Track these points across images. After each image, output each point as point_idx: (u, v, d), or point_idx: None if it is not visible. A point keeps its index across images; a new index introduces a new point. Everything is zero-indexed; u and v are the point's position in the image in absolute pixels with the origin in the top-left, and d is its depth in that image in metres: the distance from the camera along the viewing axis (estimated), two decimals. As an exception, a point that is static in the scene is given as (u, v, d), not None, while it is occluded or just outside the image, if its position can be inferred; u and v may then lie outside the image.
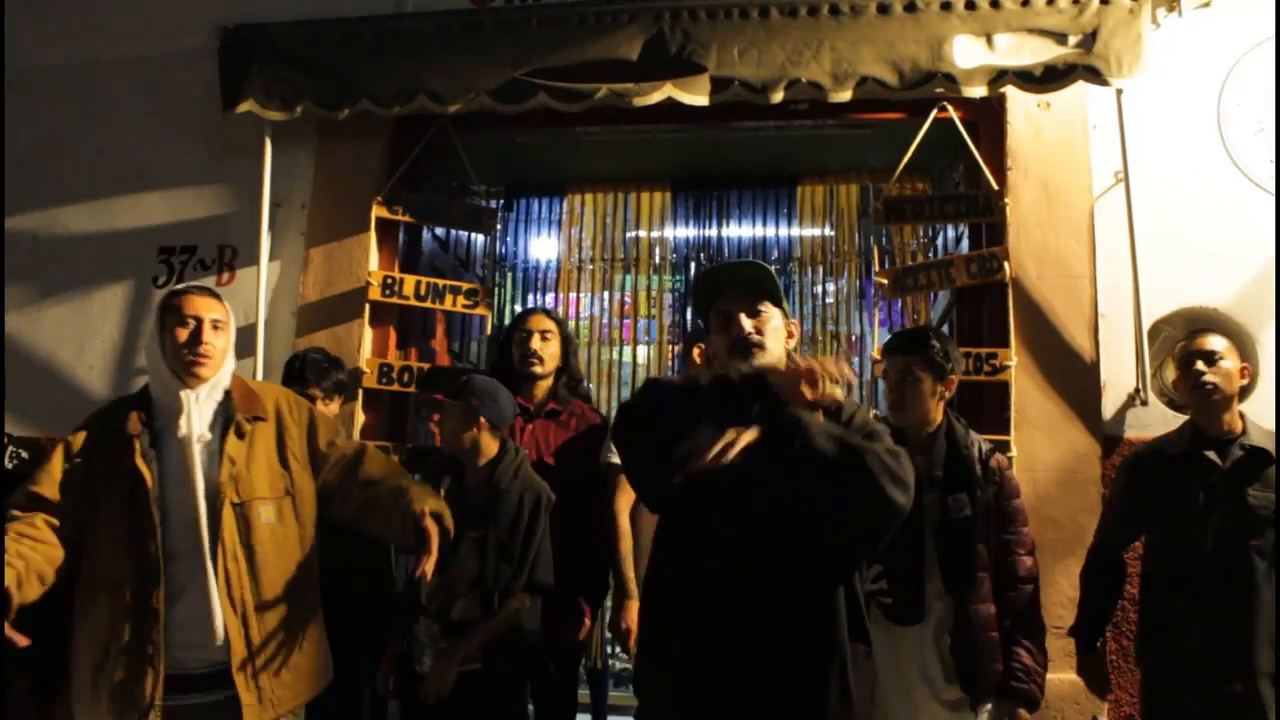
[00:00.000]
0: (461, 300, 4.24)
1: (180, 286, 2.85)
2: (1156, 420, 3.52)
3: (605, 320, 5.51)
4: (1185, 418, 3.35)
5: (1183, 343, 3.18)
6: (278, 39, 4.08)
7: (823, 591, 2.21)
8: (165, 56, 4.40)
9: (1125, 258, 3.70)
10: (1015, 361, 3.72)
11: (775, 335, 2.26)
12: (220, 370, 2.72)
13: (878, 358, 3.92)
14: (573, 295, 5.33)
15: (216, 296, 2.80)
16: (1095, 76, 3.63)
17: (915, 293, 4.12)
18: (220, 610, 2.56)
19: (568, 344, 3.87)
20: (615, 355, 6.43)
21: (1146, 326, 3.66)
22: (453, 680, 3.13)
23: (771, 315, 2.27)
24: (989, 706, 2.85)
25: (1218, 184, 3.76)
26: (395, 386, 4.12)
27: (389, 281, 4.14)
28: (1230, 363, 3.04)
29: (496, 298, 5.24)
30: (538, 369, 3.74)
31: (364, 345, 4.13)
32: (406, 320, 4.33)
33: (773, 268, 4.90)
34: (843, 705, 2.17)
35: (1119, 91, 3.71)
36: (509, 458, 3.36)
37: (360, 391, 4.03)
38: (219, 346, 2.71)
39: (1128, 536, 3.25)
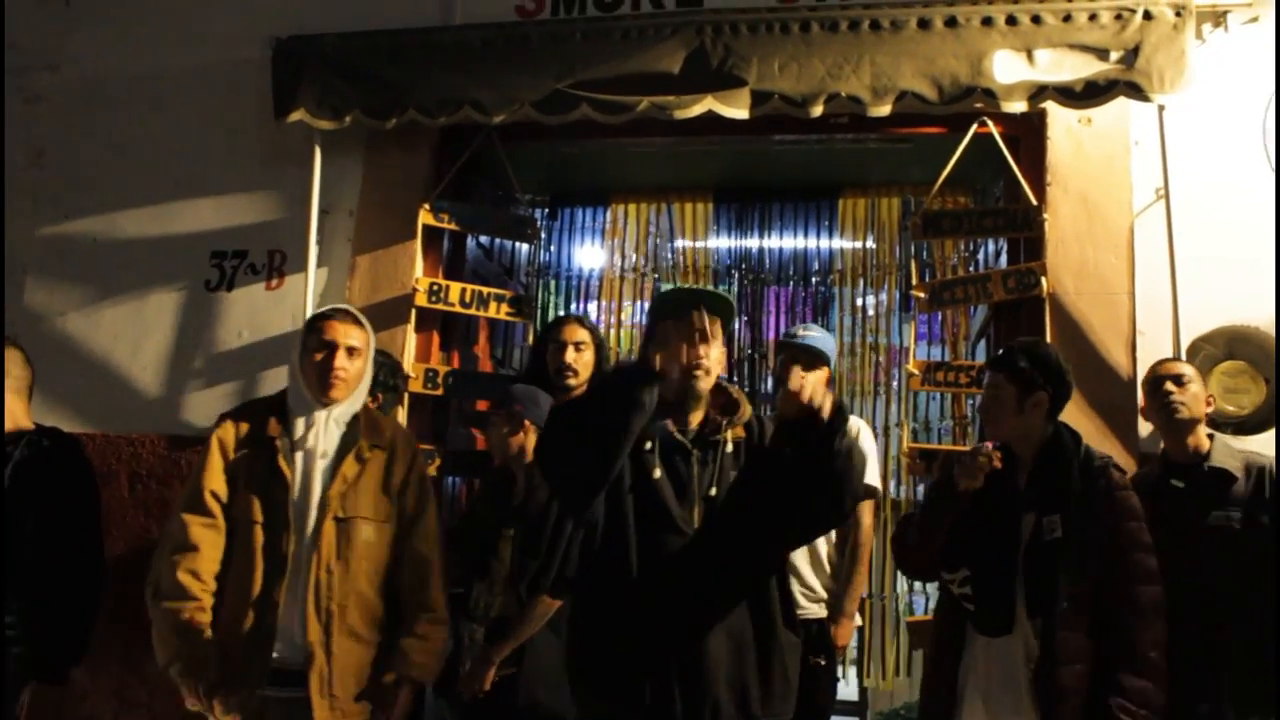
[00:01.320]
0: (505, 308, 4.31)
1: (326, 309, 3.05)
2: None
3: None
4: (1223, 436, 3.37)
5: (1151, 369, 3.33)
6: (328, 50, 4.18)
7: (763, 581, 2.50)
8: (221, 67, 4.53)
9: (1165, 274, 3.68)
10: (1052, 377, 3.70)
11: (719, 363, 2.56)
12: (354, 392, 2.93)
13: (914, 370, 3.95)
14: (613, 303, 5.38)
15: (358, 322, 2.98)
16: (1137, 92, 3.61)
17: (952, 307, 4.12)
18: (310, 615, 2.73)
19: (601, 352, 3.91)
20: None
21: (1185, 344, 3.63)
22: (487, 680, 3.20)
23: (717, 341, 2.52)
24: None
25: (1261, 201, 3.71)
26: (439, 391, 4.19)
27: (435, 288, 4.22)
28: (1197, 387, 3.21)
29: (540, 305, 5.31)
30: (572, 381, 3.78)
31: (408, 350, 4.21)
32: (450, 327, 4.40)
33: (813, 279, 5.06)
34: (785, 688, 2.46)
35: (1161, 108, 3.69)
36: None
37: (406, 396, 4.10)
38: (353, 371, 2.91)
39: None
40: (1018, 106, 3.70)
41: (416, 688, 2.96)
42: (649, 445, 2.48)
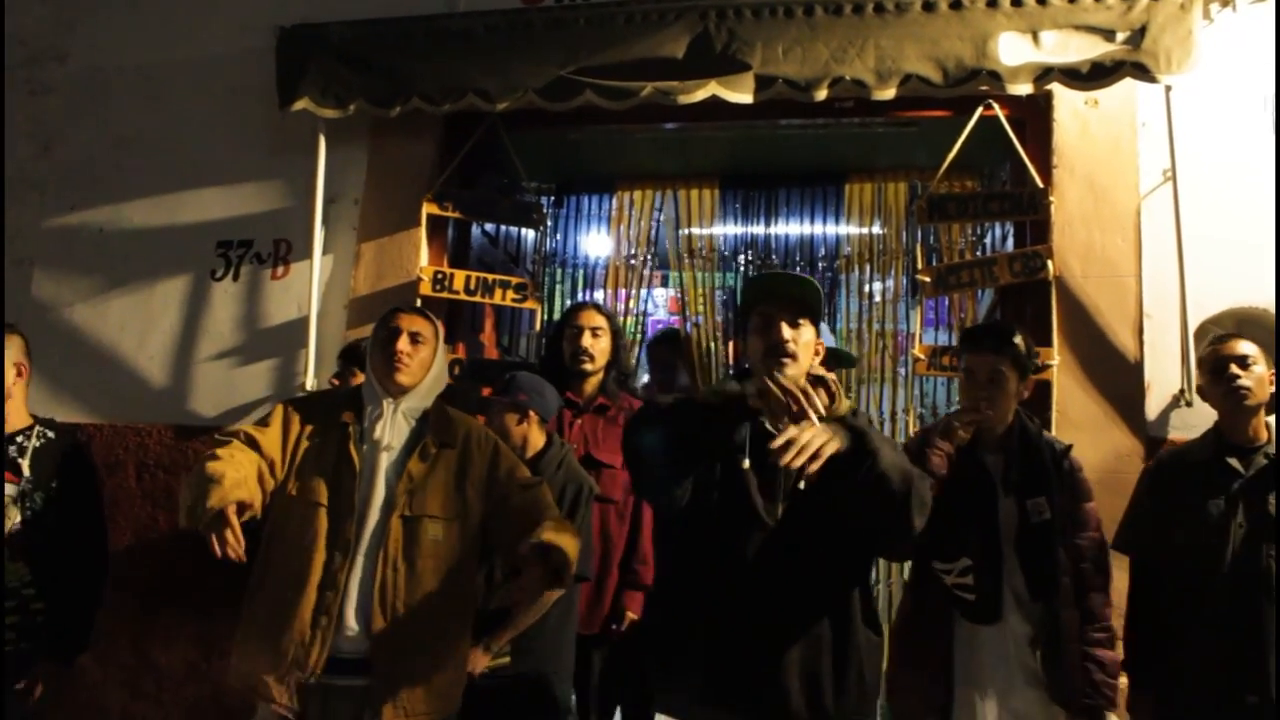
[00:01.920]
0: (511, 294, 4.29)
1: (398, 305, 3.07)
2: (1201, 421, 3.41)
3: (656, 318, 5.54)
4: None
5: (1211, 347, 3.12)
6: (333, 38, 4.19)
7: (843, 589, 2.42)
8: (225, 57, 4.54)
9: (1172, 257, 3.64)
10: (1058, 361, 3.69)
11: (806, 350, 2.39)
12: (421, 382, 2.93)
13: (920, 355, 3.94)
14: (622, 291, 5.36)
15: (426, 316, 3.02)
16: (1143, 73, 3.58)
17: (958, 290, 4.09)
18: (375, 610, 2.71)
19: (618, 338, 3.92)
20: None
21: (1193, 327, 3.60)
22: (478, 664, 3.18)
23: (807, 330, 2.40)
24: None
25: (1269, 182, 3.67)
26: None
27: (439, 276, 4.22)
28: (1262, 368, 3.01)
29: (546, 292, 5.30)
30: (588, 366, 3.79)
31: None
32: (455, 315, 4.39)
33: (820, 264, 5.03)
34: (859, 688, 2.39)
35: (1168, 89, 3.66)
36: (554, 450, 3.43)
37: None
38: (417, 358, 2.92)
39: (1147, 543, 3.13)
40: (1023, 89, 3.68)
41: (553, 573, 2.70)
42: (740, 436, 2.41)
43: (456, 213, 4.30)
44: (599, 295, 5.53)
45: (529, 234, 5.16)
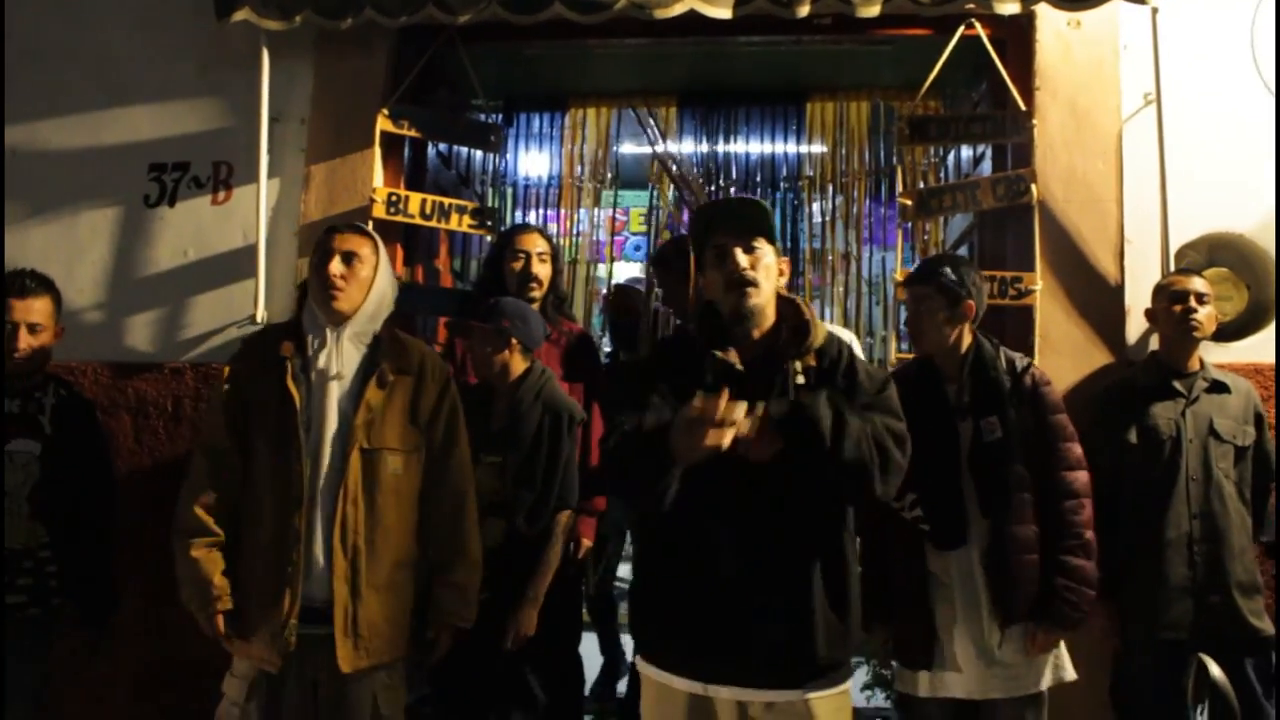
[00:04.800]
0: (467, 220, 4.08)
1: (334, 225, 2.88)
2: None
3: (597, 237, 5.40)
4: (1210, 344, 3.52)
5: (1171, 277, 3.39)
6: (275, -58, 3.83)
7: (833, 525, 2.35)
8: (153, -41, 4.12)
9: (1153, 182, 3.65)
10: (1040, 285, 3.68)
11: (768, 273, 2.34)
12: (362, 306, 2.75)
13: (900, 280, 3.89)
14: (565, 212, 5.20)
15: (363, 233, 2.82)
16: (1132, -6, 3.55)
17: (939, 214, 4.06)
18: (335, 550, 2.61)
19: (557, 262, 3.84)
20: (601, 272, 6.35)
21: (1173, 251, 3.63)
22: (533, 623, 3.17)
23: (765, 253, 2.34)
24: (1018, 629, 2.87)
25: (1247, 108, 3.71)
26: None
27: (394, 199, 3.97)
28: (1212, 307, 3.31)
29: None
30: (535, 292, 3.69)
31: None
32: (413, 238, 4.18)
33: (781, 184, 4.95)
34: (852, 630, 2.33)
35: (1154, 10, 3.63)
36: (532, 378, 3.33)
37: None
38: (354, 279, 2.73)
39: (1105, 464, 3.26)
40: (1010, 8, 3.61)
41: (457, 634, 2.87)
42: (708, 378, 2.29)
43: (413, 131, 4.04)
44: (541, 216, 5.38)
45: (479, 154, 4.92)
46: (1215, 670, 2.59)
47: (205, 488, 2.69)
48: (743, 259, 2.30)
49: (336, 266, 2.71)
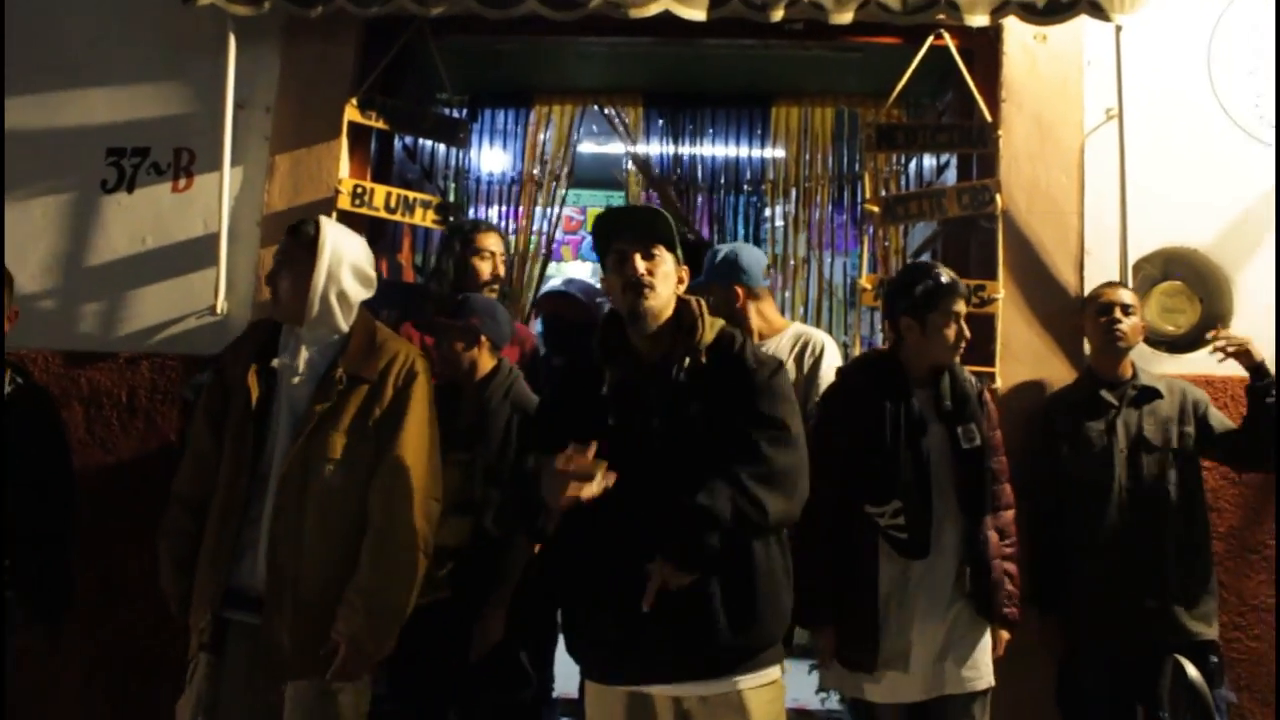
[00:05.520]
0: (431, 215, 4.05)
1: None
2: (1136, 356, 3.58)
3: (552, 235, 5.39)
4: (1164, 355, 3.71)
5: (1099, 289, 3.49)
6: (245, -73, 3.76)
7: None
8: (116, -61, 4.02)
9: (1113, 195, 3.73)
10: (1003, 294, 3.74)
11: (666, 279, 2.43)
12: (306, 309, 2.67)
13: (867, 286, 3.93)
14: (524, 209, 5.19)
15: (298, 233, 2.75)
16: (1098, 11, 3.61)
17: (905, 221, 4.11)
18: (261, 549, 2.58)
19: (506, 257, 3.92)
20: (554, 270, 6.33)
21: (1131, 264, 3.72)
22: (501, 628, 3.15)
23: (664, 259, 2.44)
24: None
25: (1203, 125, 3.83)
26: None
27: (359, 191, 3.92)
28: (1137, 318, 3.40)
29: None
30: (493, 291, 3.70)
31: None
32: (378, 232, 4.12)
33: (745, 187, 4.97)
34: (770, 615, 2.37)
35: (1118, 28, 3.70)
36: (500, 376, 3.31)
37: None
38: (282, 286, 2.69)
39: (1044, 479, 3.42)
40: (980, 20, 3.66)
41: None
42: (604, 389, 2.42)
43: (381, 122, 3.99)
44: (494, 213, 5.36)
45: (443, 148, 4.87)
46: (1193, 672, 2.65)
47: (185, 485, 2.74)
48: (640, 264, 2.39)
49: (272, 272, 2.75)
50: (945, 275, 3.04)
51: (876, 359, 3.25)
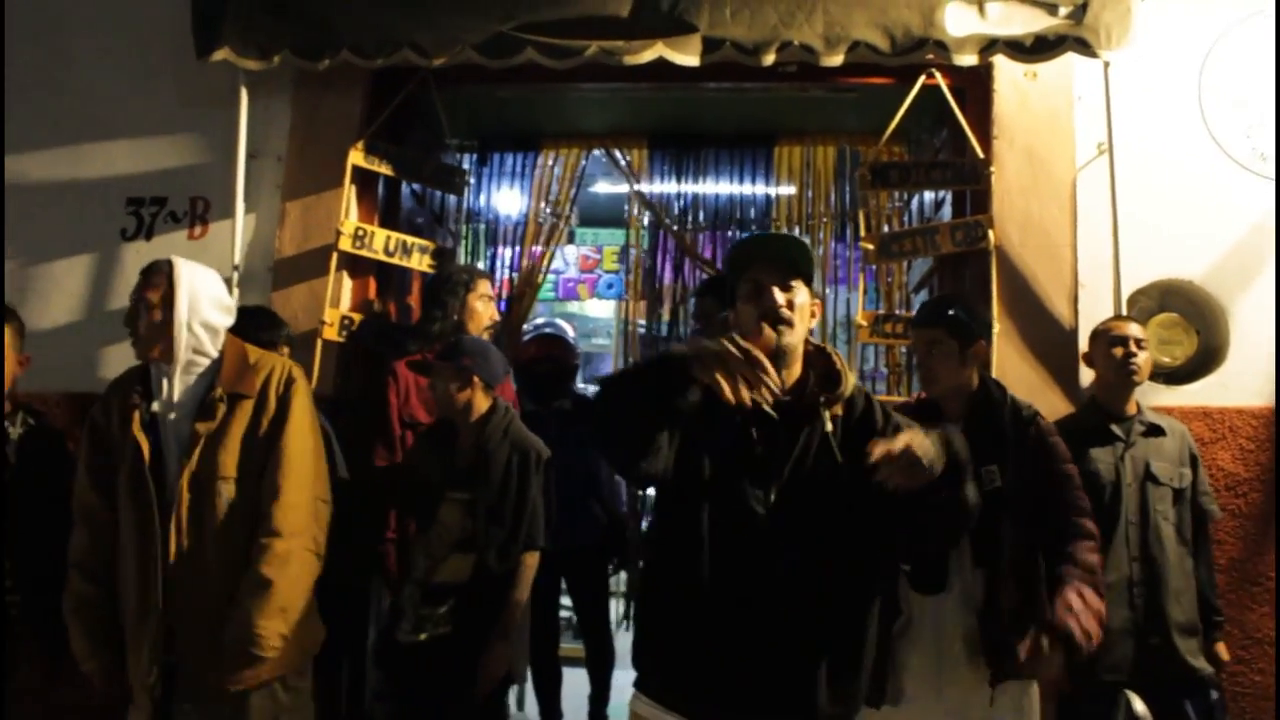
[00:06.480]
0: (427, 260, 4.16)
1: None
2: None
3: (568, 275, 5.49)
4: (1161, 387, 3.70)
5: (1110, 323, 3.43)
6: (254, -17, 3.92)
7: (854, 584, 2.24)
8: (134, 1, 4.21)
9: (1106, 228, 3.76)
10: (997, 329, 3.76)
11: (801, 314, 2.24)
12: (180, 343, 2.71)
13: (862, 323, 3.97)
14: (528, 249, 5.29)
15: (155, 270, 2.78)
16: (1085, 48, 3.64)
17: (900, 258, 4.16)
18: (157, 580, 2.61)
19: None
20: (576, 309, 6.43)
21: (1125, 297, 3.73)
22: (505, 663, 3.21)
23: (801, 293, 2.25)
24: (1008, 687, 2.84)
25: (1195, 158, 3.85)
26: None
27: (360, 234, 4.03)
28: (1149, 353, 3.37)
29: (467, 252, 5.18)
30: (489, 332, 3.84)
31: (343, 298, 4.06)
32: (386, 274, 4.25)
33: (750, 225, 5.04)
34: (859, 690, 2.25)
35: (1106, 64, 3.74)
36: (498, 417, 3.36)
37: (319, 343, 3.92)
38: (156, 325, 2.70)
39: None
40: (968, 59, 3.70)
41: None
42: (737, 417, 2.20)
43: (385, 168, 4.12)
44: (507, 255, 5.46)
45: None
46: (1139, 706, 2.63)
47: (83, 553, 2.74)
48: (780, 296, 2.21)
49: (143, 319, 2.73)
50: (928, 309, 3.05)
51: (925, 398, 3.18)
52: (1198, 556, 3.32)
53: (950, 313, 3.00)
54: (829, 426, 2.21)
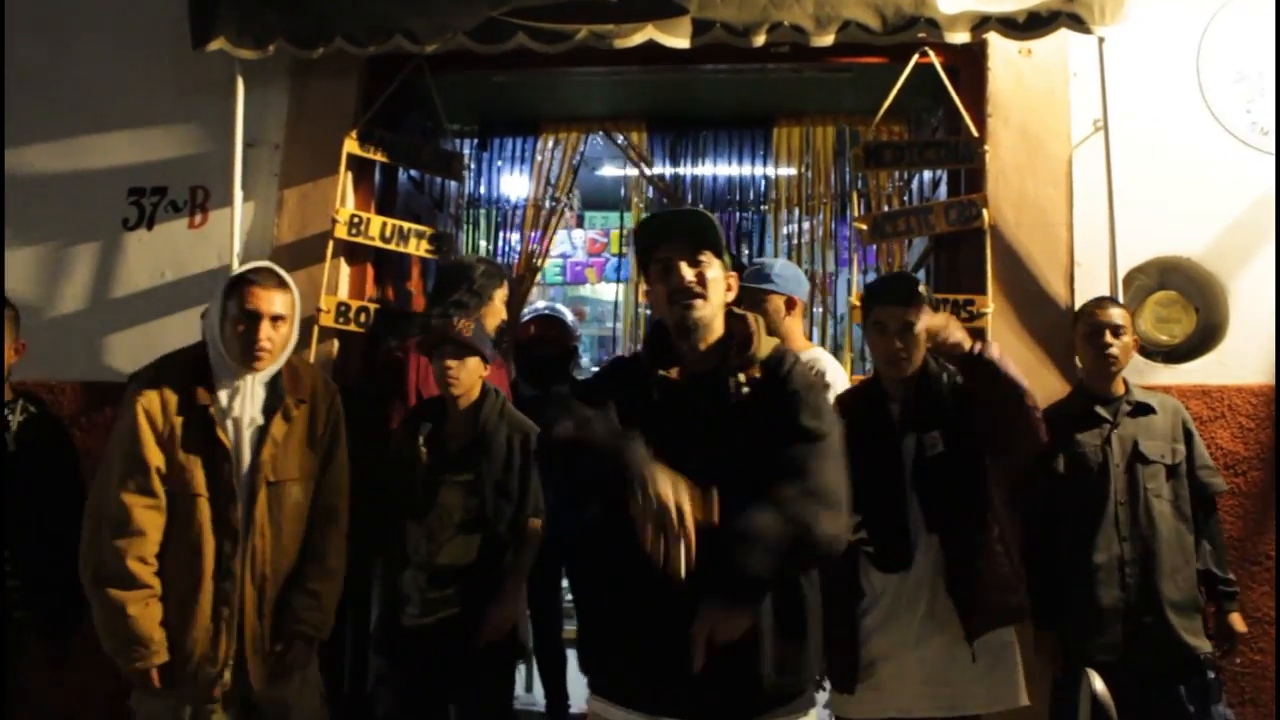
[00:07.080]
0: (425, 245, 4.18)
1: (248, 269, 2.90)
2: (1131, 368, 3.56)
3: (576, 259, 5.50)
4: (1159, 365, 3.69)
5: (1089, 307, 3.41)
6: (249, -27, 3.94)
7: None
8: (129, -12, 4.25)
9: (1102, 206, 3.72)
10: (992, 308, 3.75)
11: (715, 286, 2.27)
12: (279, 359, 2.86)
13: (856, 303, 3.95)
14: (530, 233, 5.30)
15: (283, 285, 2.86)
16: (1078, 24, 3.59)
17: (894, 238, 4.14)
18: (245, 581, 2.78)
19: None
20: (586, 293, 6.44)
21: (1121, 274, 3.70)
22: (514, 614, 3.29)
23: (712, 265, 2.28)
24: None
25: (1193, 133, 3.80)
26: (351, 326, 4.05)
27: (355, 220, 4.06)
28: (1129, 337, 3.36)
29: (469, 237, 5.20)
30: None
31: (340, 285, 4.10)
32: (383, 261, 4.28)
33: (749, 207, 5.03)
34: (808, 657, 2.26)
35: (1101, 40, 3.70)
36: (490, 400, 3.38)
37: (316, 329, 3.97)
38: (278, 340, 2.83)
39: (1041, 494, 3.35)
40: (961, 37, 3.67)
41: (311, 643, 2.95)
42: (655, 395, 2.27)
43: (380, 155, 4.14)
44: (514, 238, 5.47)
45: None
46: (1098, 685, 2.61)
47: (135, 533, 2.70)
48: (688, 272, 2.24)
49: (266, 332, 2.78)
50: (884, 284, 3.04)
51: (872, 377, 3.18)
52: (1203, 530, 3.31)
53: (920, 292, 2.97)
54: (745, 390, 2.24)
